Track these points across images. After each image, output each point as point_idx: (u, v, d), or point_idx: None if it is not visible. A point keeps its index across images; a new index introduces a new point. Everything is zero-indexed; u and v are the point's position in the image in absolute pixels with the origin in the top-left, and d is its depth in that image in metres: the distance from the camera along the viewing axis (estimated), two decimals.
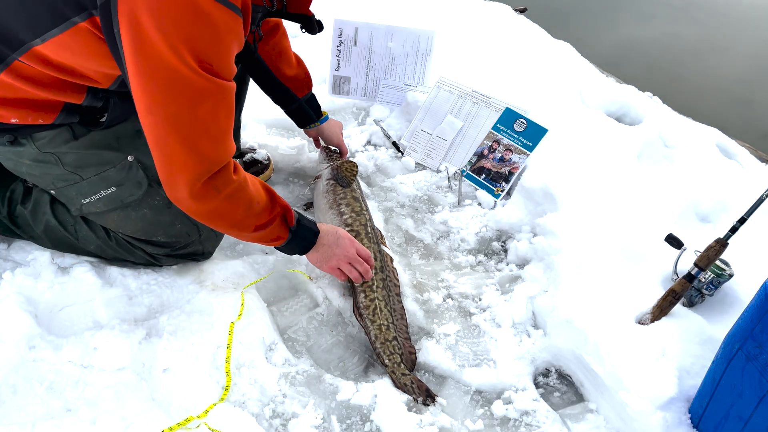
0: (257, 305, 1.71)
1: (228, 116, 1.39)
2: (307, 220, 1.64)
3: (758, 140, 3.05)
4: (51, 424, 1.38)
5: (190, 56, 1.23)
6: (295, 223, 1.58)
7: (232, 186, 1.42)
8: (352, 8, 2.88)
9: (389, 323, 1.68)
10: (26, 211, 1.70)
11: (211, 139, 1.36)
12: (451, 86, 2.43)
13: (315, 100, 2.15)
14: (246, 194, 1.46)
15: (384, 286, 1.76)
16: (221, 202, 1.43)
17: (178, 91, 1.27)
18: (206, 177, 1.38)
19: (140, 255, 1.72)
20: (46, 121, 1.49)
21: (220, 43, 1.28)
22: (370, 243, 1.85)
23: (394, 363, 1.62)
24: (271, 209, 1.52)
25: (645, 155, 2.30)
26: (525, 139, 2.22)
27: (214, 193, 1.40)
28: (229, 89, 1.35)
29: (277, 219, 1.54)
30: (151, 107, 1.30)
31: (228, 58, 1.32)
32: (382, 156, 2.38)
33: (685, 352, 1.54)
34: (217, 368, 1.55)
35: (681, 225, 1.95)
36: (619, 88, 2.74)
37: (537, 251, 1.93)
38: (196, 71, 1.25)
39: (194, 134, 1.33)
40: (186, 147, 1.34)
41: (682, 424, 1.46)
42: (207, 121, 1.33)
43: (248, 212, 1.48)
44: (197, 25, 1.22)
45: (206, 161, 1.37)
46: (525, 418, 1.57)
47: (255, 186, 1.50)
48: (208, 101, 1.31)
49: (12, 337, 1.50)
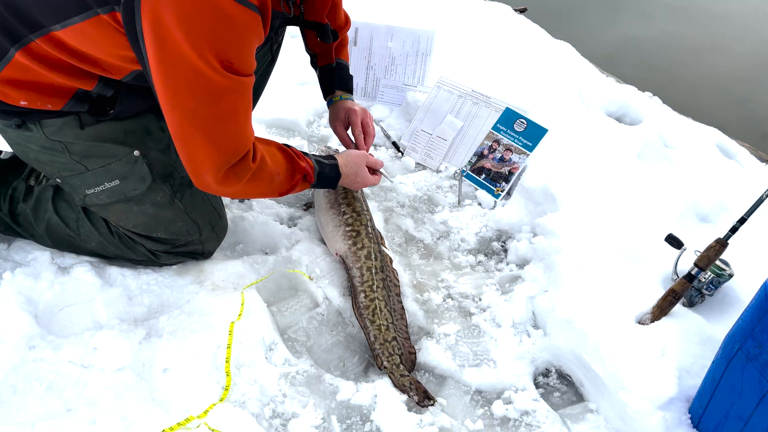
0: (257, 305, 1.71)
1: (246, 109, 1.45)
2: (328, 167, 1.75)
3: (758, 140, 3.05)
4: (51, 424, 1.38)
5: (211, 55, 1.27)
6: (315, 179, 1.70)
7: (251, 172, 1.50)
8: (352, 8, 2.88)
9: (389, 323, 1.68)
10: (28, 208, 1.70)
11: (230, 133, 1.42)
12: (451, 86, 2.43)
13: (331, 75, 2.05)
14: (266, 173, 1.55)
15: (384, 286, 1.76)
16: (245, 186, 1.52)
17: (199, 89, 1.32)
18: (227, 167, 1.45)
19: (141, 251, 1.72)
20: (55, 107, 1.50)
21: (241, 42, 1.32)
22: (370, 243, 1.85)
23: (393, 364, 1.62)
24: (291, 178, 1.63)
25: (645, 155, 2.30)
26: (525, 139, 2.22)
27: (236, 180, 1.48)
28: (247, 84, 1.40)
29: (298, 183, 1.66)
30: (174, 103, 1.35)
31: (248, 55, 1.37)
32: (382, 156, 2.38)
33: (685, 352, 1.54)
34: (217, 368, 1.55)
35: (681, 225, 1.95)
36: (619, 88, 2.74)
37: (537, 251, 1.93)
38: (217, 70, 1.29)
39: (215, 129, 1.39)
40: (207, 141, 1.40)
41: (682, 424, 1.46)
42: (226, 116, 1.39)
43: (271, 186, 1.59)
44: (218, 25, 1.26)
45: (226, 154, 1.44)
46: (525, 418, 1.57)
47: (275, 159, 1.58)
48: (228, 98, 1.36)
49: (12, 337, 1.50)
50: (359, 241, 1.86)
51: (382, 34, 2.55)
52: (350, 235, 1.88)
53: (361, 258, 1.82)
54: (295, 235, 1.97)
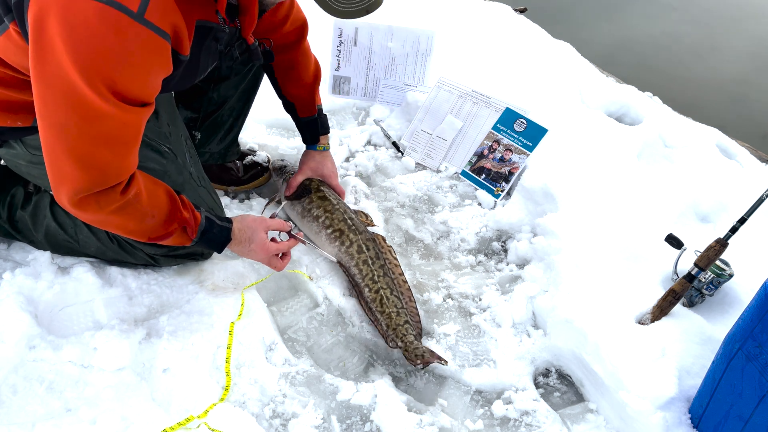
0: (257, 305, 1.71)
1: (130, 140, 1.33)
2: (218, 228, 1.56)
3: (758, 140, 3.05)
4: (51, 424, 1.38)
5: (94, 74, 1.18)
6: (198, 235, 1.52)
7: (116, 204, 1.36)
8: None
9: (398, 309, 1.69)
10: (26, 215, 1.70)
11: (101, 159, 1.29)
12: (451, 86, 2.43)
13: (314, 126, 2.03)
14: (137, 211, 1.40)
15: (385, 273, 1.76)
16: (107, 216, 1.38)
17: (70, 105, 1.21)
18: (87, 193, 1.32)
19: (140, 256, 1.72)
20: (25, 124, 1.46)
21: (133, 66, 1.22)
22: (356, 236, 1.85)
23: (407, 342, 1.62)
24: (168, 225, 1.46)
25: (645, 155, 2.30)
26: (525, 139, 2.22)
27: (96, 208, 1.35)
28: (137, 113, 1.29)
29: (174, 233, 1.48)
30: (42, 112, 1.25)
31: (140, 82, 1.26)
32: (382, 156, 2.38)
33: (685, 352, 1.54)
34: (217, 368, 1.55)
35: (681, 225, 1.95)
36: (619, 88, 2.74)
37: (537, 251, 1.93)
38: (98, 91, 1.19)
39: (83, 151, 1.27)
40: (71, 160, 1.28)
41: (682, 424, 1.46)
42: (100, 141, 1.27)
43: (141, 225, 1.43)
44: (108, 42, 1.16)
45: (90, 180, 1.30)
46: (525, 418, 1.57)
47: (155, 201, 1.43)
48: (106, 123, 1.24)
49: (12, 337, 1.50)
50: (345, 239, 1.85)
51: (382, 34, 2.55)
52: (335, 237, 1.87)
53: (354, 254, 1.82)
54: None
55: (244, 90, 2.01)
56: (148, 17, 1.18)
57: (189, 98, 2.00)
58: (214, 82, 1.95)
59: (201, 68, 1.53)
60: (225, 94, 1.99)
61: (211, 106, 2.00)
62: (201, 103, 1.99)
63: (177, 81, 1.47)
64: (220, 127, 2.05)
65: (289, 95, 1.99)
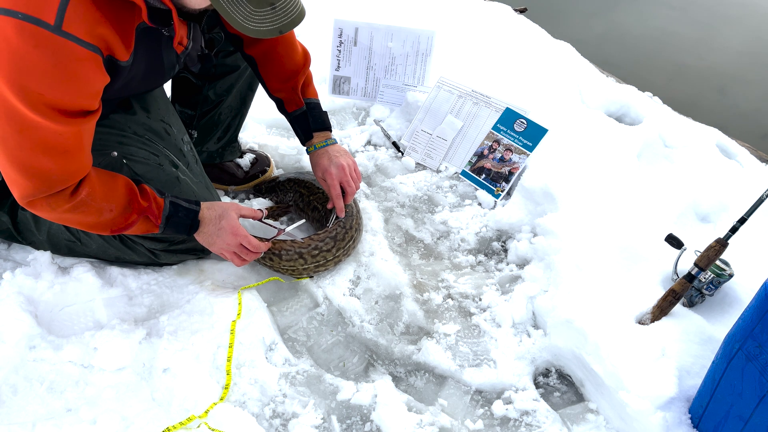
0: (257, 305, 1.71)
1: (69, 150, 1.34)
2: (183, 211, 1.56)
3: (758, 140, 3.05)
4: (51, 424, 1.38)
5: (19, 88, 1.20)
6: (162, 221, 1.53)
7: (67, 205, 1.39)
8: (352, 8, 2.88)
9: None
10: (28, 215, 1.70)
11: (41, 168, 1.32)
12: (451, 86, 2.43)
13: (304, 118, 1.88)
14: (91, 207, 1.42)
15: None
16: (60, 215, 1.41)
17: (4, 118, 1.25)
18: (34, 198, 1.36)
19: (142, 251, 1.72)
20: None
21: (59, 79, 1.23)
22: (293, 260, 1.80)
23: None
24: (126, 217, 1.48)
25: (645, 155, 2.30)
26: (525, 139, 2.22)
27: (48, 209, 1.39)
28: (70, 123, 1.30)
29: (136, 222, 1.50)
30: None
31: (72, 93, 1.28)
32: (382, 156, 2.38)
33: (685, 352, 1.54)
34: (217, 368, 1.55)
35: (681, 225, 1.95)
36: (619, 88, 2.74)
37: (537, 251, 1.93)
38: (27, 103, 1.22)
39: (22, 160, 1.31)
40: (14, 169, 1.32)
41: (682, 424, 1.46)
42: (37, 152, 1.30)
43: (98, 220, 1.46)
44: (31, 57, 1.18)
45: (34, 186, 1.34)
46: (525, 418, 1.57)
47: (112, 195, 1.45)
48: (38, 134, 1.27)
49: (12, 337, 1.50)
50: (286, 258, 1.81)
51: (382, 34, 2.55)
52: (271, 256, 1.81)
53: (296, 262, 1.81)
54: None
55: (241, 89, 2.01)
56: (67, 29, 1.19)
57: (184, 96, 1.99)
58: (208, 81, 1.94)
59: (167, 67, 1.53)
60: (221, 93, 1.98)
61: (207, 104, 1.99)
62: (197, 101, 1.99)
63: (139, 82, 1.47)
64: (218, 126, 2.04)
65: (273, 89, 1.88)
